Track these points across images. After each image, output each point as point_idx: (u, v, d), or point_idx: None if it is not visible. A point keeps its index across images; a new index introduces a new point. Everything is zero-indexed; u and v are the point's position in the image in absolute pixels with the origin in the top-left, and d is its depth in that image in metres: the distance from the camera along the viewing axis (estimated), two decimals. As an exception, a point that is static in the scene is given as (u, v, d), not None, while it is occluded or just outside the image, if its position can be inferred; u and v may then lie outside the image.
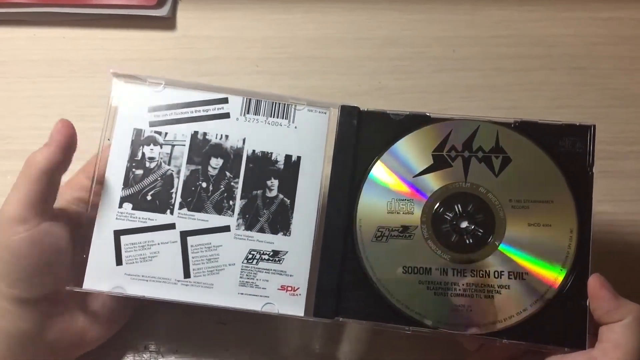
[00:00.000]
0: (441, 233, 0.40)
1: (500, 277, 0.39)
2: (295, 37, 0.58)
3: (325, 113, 0.44)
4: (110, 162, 0.41)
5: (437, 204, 0.41)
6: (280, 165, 0.42)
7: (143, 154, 0.41)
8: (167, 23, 0.58)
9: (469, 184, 0.41)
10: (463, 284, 0.39)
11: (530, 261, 0.40)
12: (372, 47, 0.58)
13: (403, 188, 0.41)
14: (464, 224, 0.40)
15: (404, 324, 0.39)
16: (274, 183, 0.42)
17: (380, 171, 0.42)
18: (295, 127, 0.43)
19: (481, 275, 0.39)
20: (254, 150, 0.42)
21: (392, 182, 0.41)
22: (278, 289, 0.41)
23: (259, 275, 0.41)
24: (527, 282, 0.39)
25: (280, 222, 0.42)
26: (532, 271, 0.39)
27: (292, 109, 0.43)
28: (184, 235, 0.41)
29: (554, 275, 0.39)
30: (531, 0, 0.60)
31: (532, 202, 0.40)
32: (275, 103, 0.43)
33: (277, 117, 0.43)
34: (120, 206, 0.40)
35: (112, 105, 0.41)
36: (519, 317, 0.39)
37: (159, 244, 0.40)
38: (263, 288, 0.41)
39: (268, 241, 0.42)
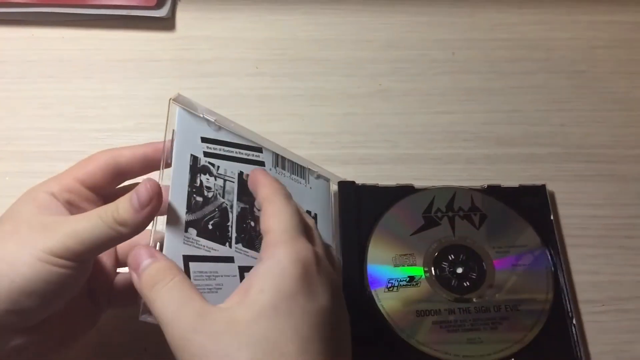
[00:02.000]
0: (442, 279, 0.46)
1: (499, 311, 0.45)
2: (295, 39, 0.58)
3: (328, 182, 0.49)
4: (173, 183, 0.39)
5: (435, 255, 0.47)
6: None
7: (201, 181, 0.40)
8: (167, 24, 0.58)
9: (458, 237, 0.47)
10: (470, 320, 0.44)
11: (520, 294, 0.45)
12: (373, 49, 0.58)
13: (404, 245, 0.47)
14: (460, 270, 0.46)
15: None
16: None
17: (381, 233, 0.48)
18: (310, 188, 0.47)
19: (483, 311, 0.45)
20: None
21: (393, 242, 0.47)
22: None
23: None
24: (522, 312, 0.45)
25: None
26: (524, 302, 0.45)
27: (307, 173, 0.47)
28: (242, 270, 0.39)
29: (541, 303, 0.45)
30: (531, 4, 0.60)
31: (511, 247, 0.47)
32: (295, 164, 0.46)
33: (298, 176, 0.46)
34: (186, 231, 0.38)
35: (173, 130, 0.39)
36: (523, 342, 0.44)
37: (222, 276, 0.38)
38: None
39: None
